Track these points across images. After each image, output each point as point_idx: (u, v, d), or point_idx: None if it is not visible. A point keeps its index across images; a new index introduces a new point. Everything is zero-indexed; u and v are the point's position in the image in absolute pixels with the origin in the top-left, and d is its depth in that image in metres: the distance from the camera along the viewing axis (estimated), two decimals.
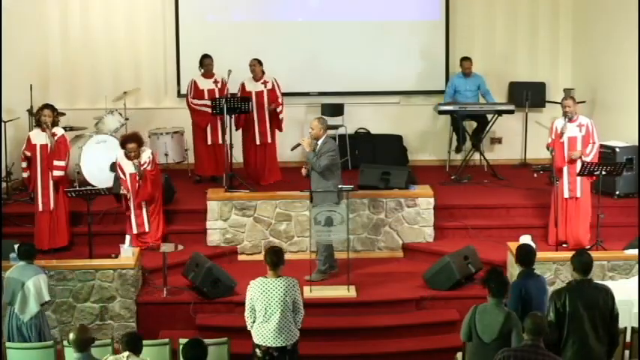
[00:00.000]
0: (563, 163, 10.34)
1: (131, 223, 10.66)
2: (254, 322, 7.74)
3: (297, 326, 7.76)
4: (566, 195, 10.34)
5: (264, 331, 7.68)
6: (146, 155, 10.70)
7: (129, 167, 10.64)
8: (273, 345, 7.66)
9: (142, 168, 10.57)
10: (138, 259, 9.92)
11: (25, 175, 10.72)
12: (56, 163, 10.57)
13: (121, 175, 10.70)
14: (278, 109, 12.30)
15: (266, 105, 12.25)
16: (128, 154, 10.62)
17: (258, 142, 12.37)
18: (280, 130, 12.46)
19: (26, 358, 8.14)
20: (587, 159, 10.23)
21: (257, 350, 7.77)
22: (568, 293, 7.20)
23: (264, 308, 7.65)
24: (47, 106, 10.77)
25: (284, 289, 7.64)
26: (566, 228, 10.37)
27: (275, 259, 7.70)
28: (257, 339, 7.74)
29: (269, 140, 12.40)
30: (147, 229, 10.69)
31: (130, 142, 10.64)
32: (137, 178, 10.59)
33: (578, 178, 10.26)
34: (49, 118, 10.57)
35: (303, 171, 10.10)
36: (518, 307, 7.63)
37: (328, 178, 9.96)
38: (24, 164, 10.66)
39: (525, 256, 7.91)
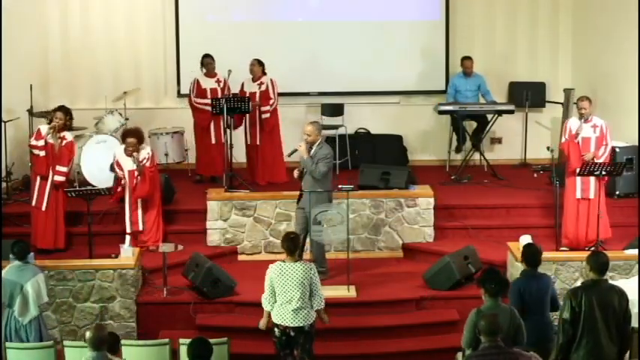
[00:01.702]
0: (578, 163, 10.20)
1: (125, 220, 10.63)
2: (273, 303, 8.09)
3: (316, 307, 8.10)
4: (578, 195, 10.25)
5: (283, 311, 8.05)
6: (145, 152, 10.68)
7: (128, 163, 10.62)
8: (291, 325, 8.03)
9: (140, 164, 10.56)
10: (138, 259, 9.92)
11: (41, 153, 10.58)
12: (58, 168, 10.56)
13: (119, 172, 10.68)
14: (263, 109, 12.17)
15: (257, 106, 12.20)
16: (127, 148, 10.60)
17: (249, 142, 12.36)
18: (266, 129, 12.25)
19: (26, 358, 8.13)
20: (599, 161, 10.14)
21: (275, 329, 8.14)
22: (584, 293, 7.20)
23: (284, 291, 7.99)
24: (61, 108, 10.72)
25: (301, 273, 7.99)
26: (574, 229, 10.31)
27: (291, 245, 8.10)
28: (276, 319, 8.10)
29: (257, 142, 12.30)
30: (141, 228, 10.66)
31: (130, 136, 10.61)
32: (135, 174, 10.57)
33: (592, 180, 10.20)
34: (60, 121, 10.55)
35: (296, 173, 10.00)
36: (519, 306, 7.64)
37: (323, 183, 9.96)
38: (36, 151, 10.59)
39: (531, 256, 7.94)
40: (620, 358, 7.31)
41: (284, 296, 8.01)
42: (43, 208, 10.56)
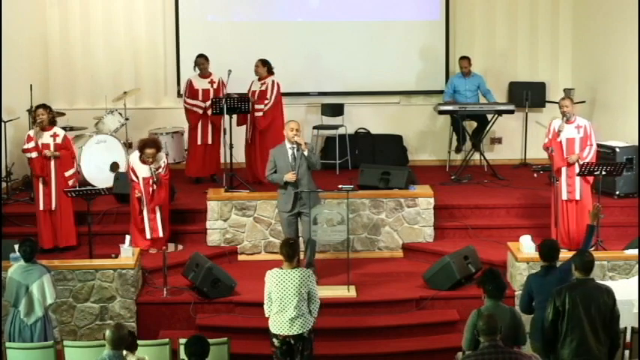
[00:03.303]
0: (561, 163, 10.27)
1: (144, 228, 10.55)
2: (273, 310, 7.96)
3: (312, 315, 7.97)
4: (564, 197, 10.25)
5: (280, 320, 7.90)
6: (162, 161, 10.64)
7: (143, 171, 10.56)
8: (290, 333, 7.89)
9: (157, 172, 10.52)
10: (138, 259, 9.92)
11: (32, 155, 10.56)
12: (67, 174, 10.60)
13: (134, 178, 10.59)
14: (257, 106, 12.09)
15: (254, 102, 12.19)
16: (146, 158, 10.55)
17: (249, 142, 12.36)
18: (259, 126, 12.14)
19: (26, 358, 8.13)
20: (585, 162, 10.14)
21: (274, 340, 7.97)
22: (568, 292, 7.24)
23: (280, 298, 7.86)
24: (40, 106, 10.72)
25: (299, 280, 7.85)
26: (567, 230, 10.30)
27: (290, 251, 7.94)
28: (274, 328, 7.95)
29: (255, 141, 12.30)
30: (161, 235, 10.60)
31: (150, 147, 10.51)
32: (151, 182, 10.53)
33: (577, 180, 10.20)
34: (43, 116, 10.55)
35: (293, 176, 9.78)
36: (526, 303, 7.65)
37: (314, 182, 10.00)
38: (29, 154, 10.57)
39: (548, 250, 7.90)
40: (610, 358, 7.30)
41: (280, 303, 7.86)
42: (53, 208, 10.55)
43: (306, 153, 9.82)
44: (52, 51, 13.60)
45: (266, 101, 12.15)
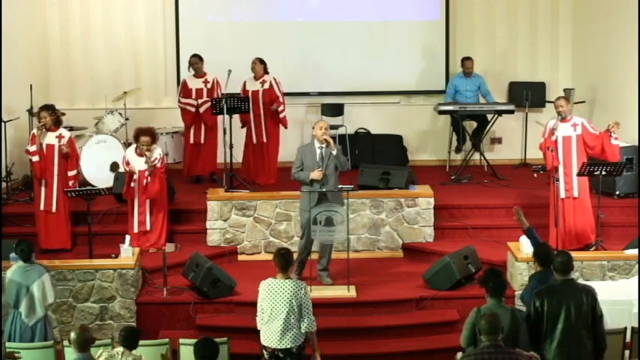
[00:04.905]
0: (557, 162, 10.25)
1: (133, 220, 10.60)
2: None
3: (305, 329, 7.73)
4: (562, 195, 10.27)
5: (269, 331, 7.73)
6: (157, 152, 10.64)
7: (139, 163, 10.56)
8: (278, 347, 7.70)
9: (152, 163, 10.51)
10: (138, 259, 9.92)
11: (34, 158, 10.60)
12: (70, 174, 10.61)
13: (126, 168, 10.57)
14: (279, 109, 12.29)
15: (261, 104, 12.20)
16: (140, 146, 10.55)
17: (254, 142, 12.37)
18: (285, 127, 12.44)
19: (26, 358, 8.13)
20: (617, 141, 10.12)
21: (264, 351, 7.82)
22: (547, 293, 7.24)
23: (270, 309, 7.70)
24: (43, 107, 10.73)
25: (291, 292, 7.68)
26: (568, 229, 10.29)
27: (283, 262, 7.77)
28: (263, 340, 7.80)
29: (264, 140, 12.36)
30: (148, 228, 10.64)
31: (145, 135, 10.53)
32: (146, 174, 10.54)
33: (575, 178, 10.22)
34: (45, 119, 10.56)
35: (319, 174, 9.71)
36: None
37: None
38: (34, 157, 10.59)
39: (545, 256, 7.82)
40: (597, 358, 7.29)
41: (270, 314, 7.68)
42: (54, 210, 10.56)
43: (334, 152, 9.80)
44: (52, 51, 13.61)
45: (280, 99, 12.25)
